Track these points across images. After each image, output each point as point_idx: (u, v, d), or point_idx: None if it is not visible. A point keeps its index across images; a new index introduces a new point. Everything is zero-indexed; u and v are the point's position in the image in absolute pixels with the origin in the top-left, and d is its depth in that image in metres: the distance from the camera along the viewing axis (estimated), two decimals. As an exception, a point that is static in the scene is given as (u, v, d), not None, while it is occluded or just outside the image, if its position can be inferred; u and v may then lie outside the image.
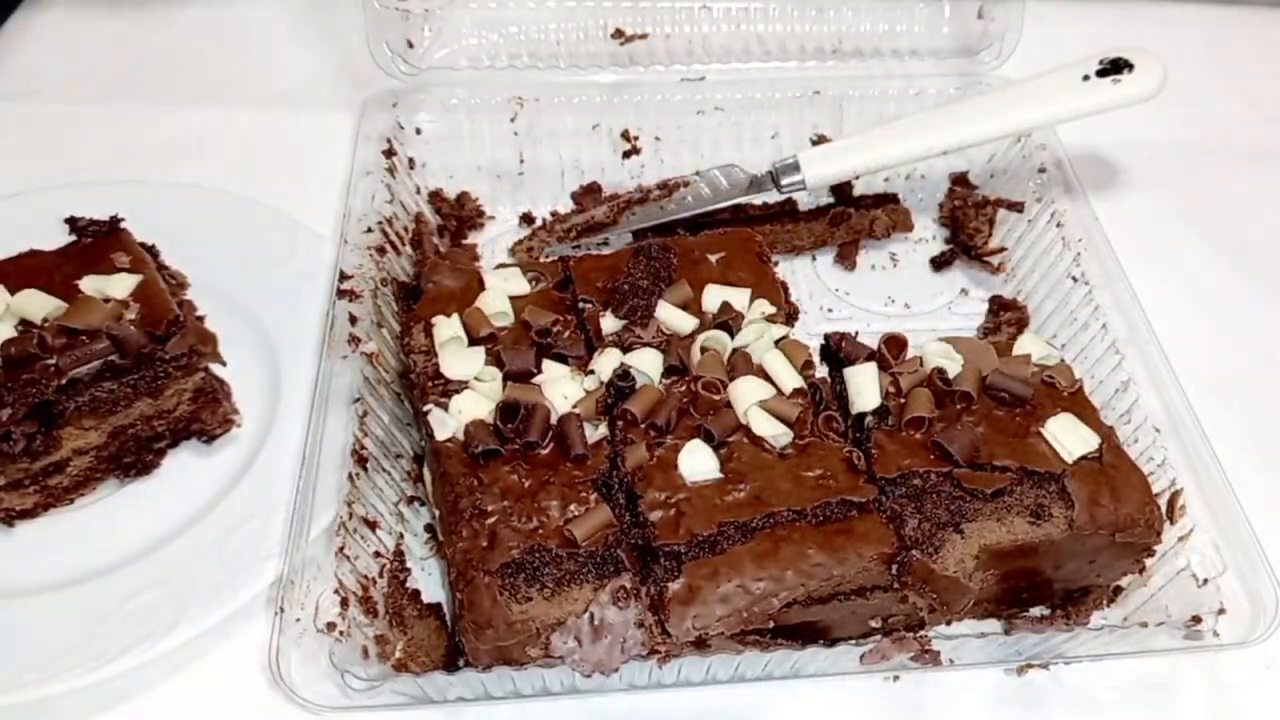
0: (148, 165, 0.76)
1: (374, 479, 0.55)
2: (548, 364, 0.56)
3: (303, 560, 0.48)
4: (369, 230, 0.64)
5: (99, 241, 0.61)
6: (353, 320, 0.59)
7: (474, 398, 0.54)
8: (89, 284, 0.58)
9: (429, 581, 0.55)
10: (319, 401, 0.55)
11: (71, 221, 0.63)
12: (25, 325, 0.55)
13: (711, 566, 0.48)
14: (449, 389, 0.55)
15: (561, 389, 0.55)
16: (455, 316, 0.58)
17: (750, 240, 0.65)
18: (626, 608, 0.47)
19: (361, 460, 0.54)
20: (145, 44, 0.88)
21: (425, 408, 0.54)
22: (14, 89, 0.84)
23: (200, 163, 0.77)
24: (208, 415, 0.61)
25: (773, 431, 0.53)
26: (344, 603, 0.48)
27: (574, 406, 0.54)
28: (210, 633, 0.51)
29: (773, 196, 0.74)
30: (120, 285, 0.58)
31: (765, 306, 0.60)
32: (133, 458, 0.61)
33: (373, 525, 0.53)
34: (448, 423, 0.53)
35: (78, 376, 0.55)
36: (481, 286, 0.60)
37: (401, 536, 0.55)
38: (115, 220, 0.62)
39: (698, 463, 0.52)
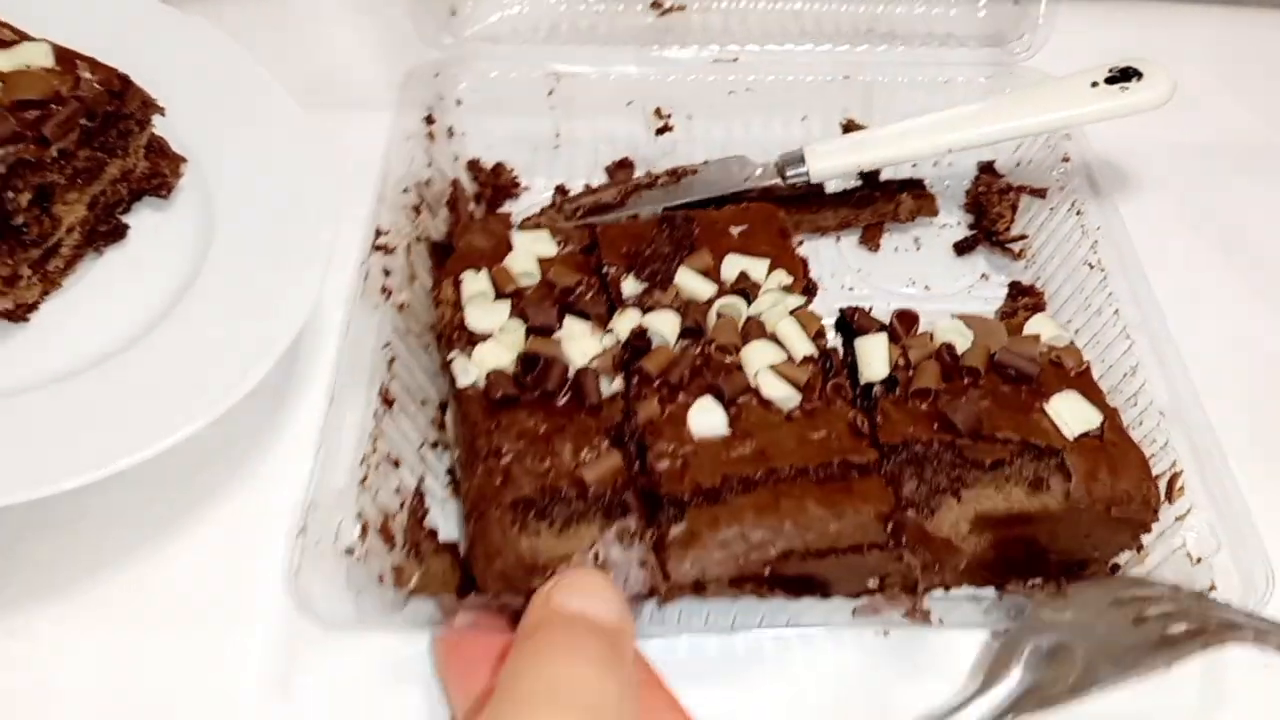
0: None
1: (399, 420, 0.57)
2: (569, 320, 0.59)
3: (327, 488, 0.51)
4: (405, 190, 0.67)
5: None
6: (386, 273, 0.62)
7: (496, 348, 0.57)
8: (1, 60, 0.55)
9: (447, 522, 0.58)
10: (346, 346, 0.58)
11: None
12: None
13: (713, 514, 0.50)
14: (473, 339, 0.57)
15: (581, 345, 0.57)
16: (484, 272, 0.61)
17: (773, 215, 0.67)
18: (630, 548, 0.50)
19: (388, 401, 0.56)
20: None
21: (450, 355, 0.57)
22: None
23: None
24: (165, 166, 0.62)
25: (782, 394, 0.55)
26: (364, 531, 0.51)
27: (591, 361, 0.56)
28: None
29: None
30: (39, 53, 0.56)
31: (782, 277, 0.62)
32: (106, 226, 0.60)
33: (396, 463, 0.56)
34: (470, 370, 0.56)
35: (65, 147, 0.54)
36: (510, 248, 0.63)
37: (423, 479, 0.58)
38: None
39: (707, 419, 0.54)
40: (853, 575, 0.53)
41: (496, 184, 0.78)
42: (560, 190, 0.79)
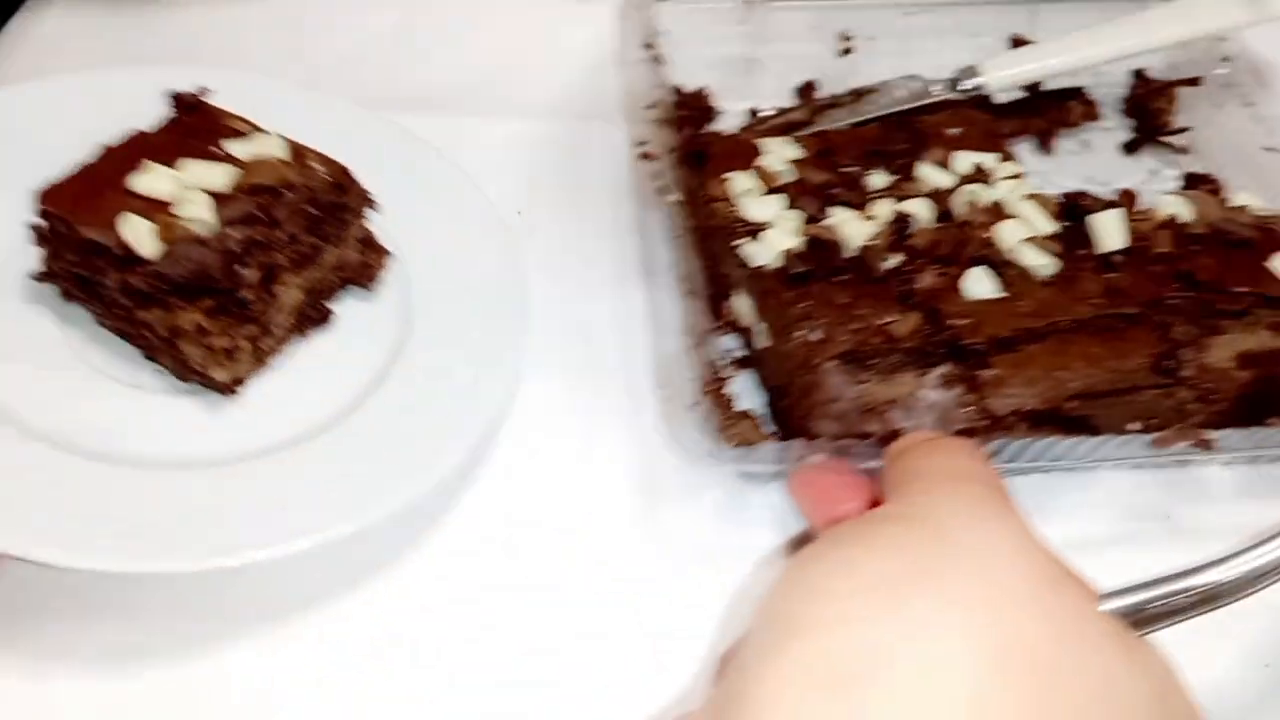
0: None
1: (689, 306, 0.64)
2: (834, 210, 0.65)
3: (666, 354, 0.58)
4: (649, 106, 0.73)
5: (198, 116, 0.61)
6: (654, 178, 0.68)
7: (780, 234, 0.63)
8: (239, 148, 0.59)
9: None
10: (645, 248, 0.64)
11: (176, 97, 0.62)
12: (211, 193, 0.56)
13: (1013, 360, 0.57)
14: (752, 229, 0.64)
15: (854, 228, 0.63)
16: (749, 172, 0.67)
17: (981, 118, 0.74)
18: (949, 390, 0.56)
19: (689, 289, 0.63)
20: (147, 43, 0.87)
21: (738, 243, 0.63)
22: None
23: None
24: (372, 258, 0.65)
25: (1041, 261, 0.62)
26: (700, 390, 0.57)
27: (868, 241, 0.63)
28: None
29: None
30: (273, 144, 0.59)
31: (1011, 167, 0.69)
32: (315, 311, 0.63)
33: (698, 342, 0.62)
34: (763, 253, 0.62)
35: (292, 231, 0.58)
36: (757, 152, 0.69)
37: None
38: (204, 91, 0.63)
39: (981, 286, 0.60)
40: (1121, 417, 0.60)
41: (699, 107, 0.84)
42: (752, 113, 0.85)
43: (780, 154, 0.69)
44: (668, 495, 0.60)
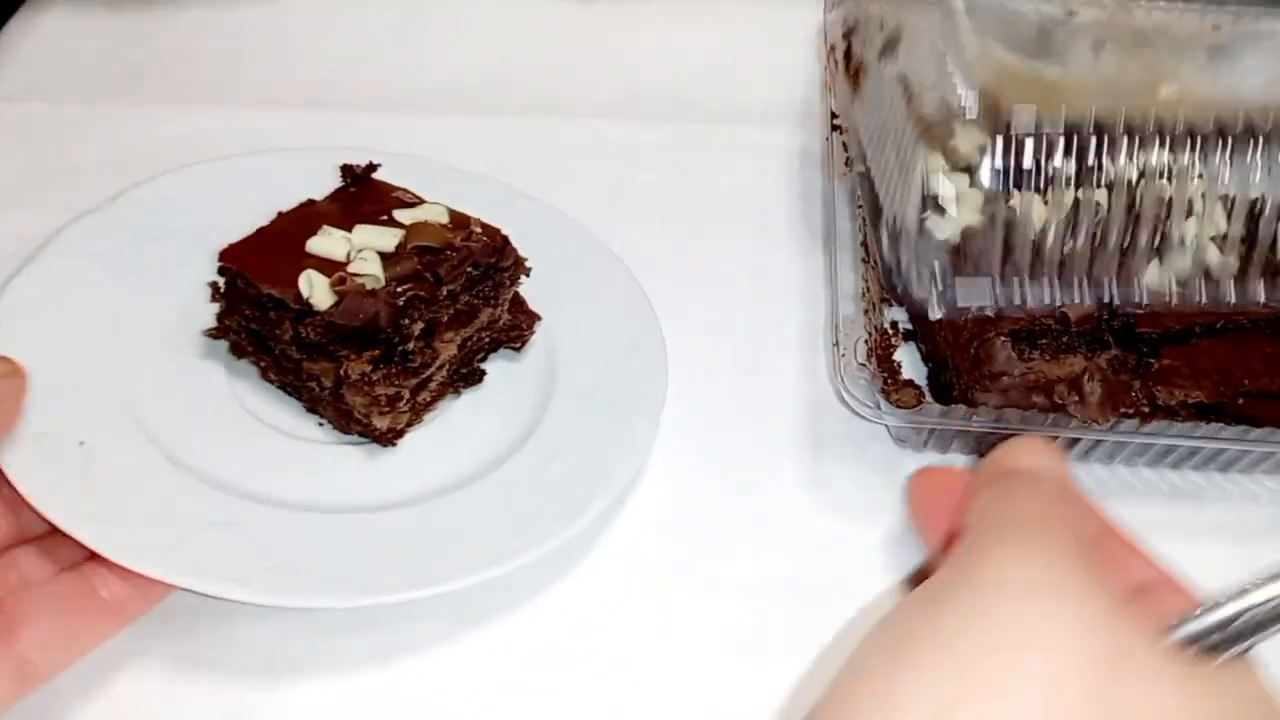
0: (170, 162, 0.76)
1: (868, 274, 0.67)
2: (1018, 194, 0.67)
3: (842, 316, 0.62)
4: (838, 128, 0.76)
5: (366, 186, 0.66)
6: (844, 147, 0.71)
7: (963, 209, 0.65)
8: (404, 215, 0.63)
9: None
10: (828, 211, 0.68)
11: (346, 169, 0.67)
12: (379, 253, 0.60)
13: (1186, 352, 0.59)
14: (933, 204, 0.66)
15: (1037, 212, 0.65)
16: (936, 149, 0.69)
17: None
18: (1118, 375, 0.58)
19: (867, 255, 0.66)
20: (147, 44, 0.90)
21: (923, 215, 0.66)
22: (15, 89, 0.86)
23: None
24: (523, 321, 0.68)
25: (1218, 260, 0.62)
26: (870, 352, 0.61)
27: (1045, 224, 0.65)
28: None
29: None
30: (436, 211, 0.64)
31: (1199, 166, 0.69)
32: (467, 369, 0.66)
33: (866, 312, 0.66)
34: (945, 227, 0.64)
35: (453, 288, 0.61)
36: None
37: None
38: (373, 166, 0.67)
39: (1156, 278, 0.62)
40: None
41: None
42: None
43: (970, 137, 0.71)
44: (830, 447, 0.64)
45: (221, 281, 0.63)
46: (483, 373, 0.66)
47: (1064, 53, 0.82)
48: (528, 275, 0.66)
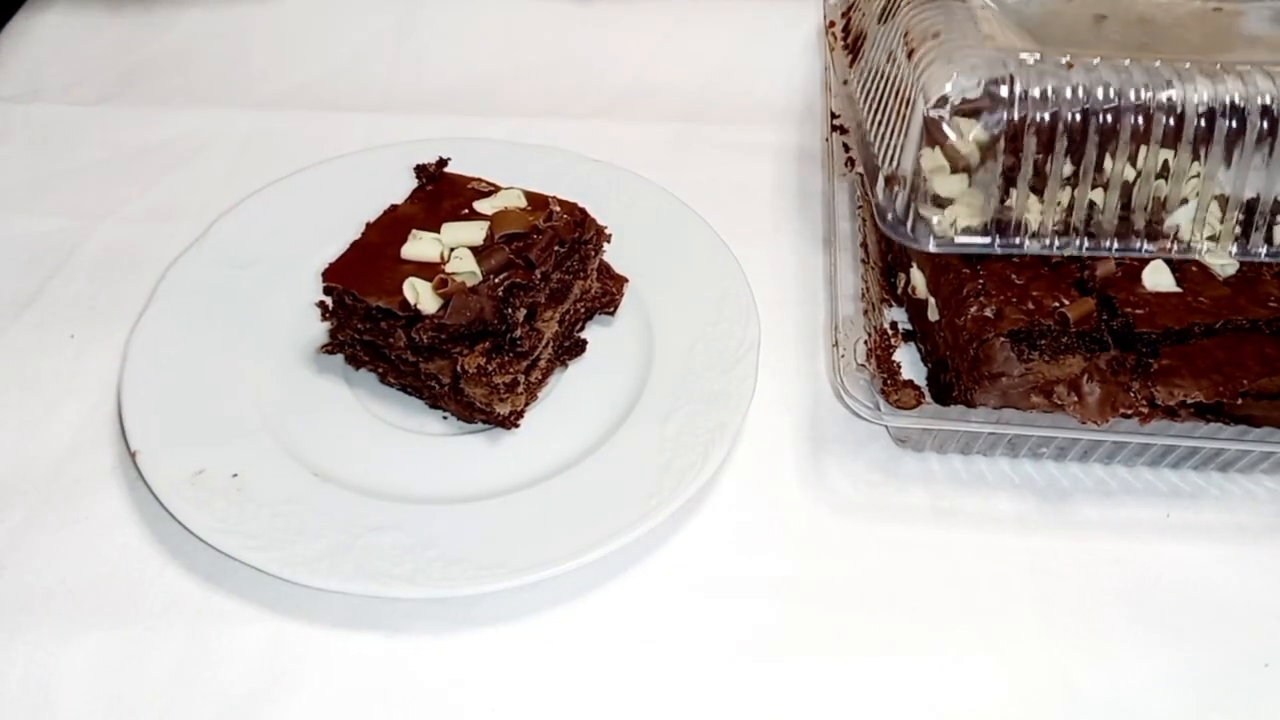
0: (178, 162, 0.80)
1: (868, 274, 0.67)
2: (1017, 192, 0.67)
3: (842, 316, 0.61)
4: (846, 82, 0.76)
5: (442, 183, 0.68)
6: (846, 148, 0.71)
7: (966, 210, 0.65)
8: (484, 205, 0.65)
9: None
10: (828, 212, 0.68)
11: (420, 168, 0.69)
12: (471, 248, 0.62)
13: (1185, 352, 0.58)
14: (939, 203, 0.66)
15: (1037, 211, 0.65)
16: (938, 149, 0.69)
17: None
18: (1118, 374, 0.58)
19: (867, 255, 0.66)
20: (147, 44, 0.91)
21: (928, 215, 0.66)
22: (15, 90, 0.87)
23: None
24: (612, 286, 0.70)
25: (1221, 261, 0.63)
26: (869, 352, 0.61)
27: (1049, 225, 0.65)
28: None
29: None
30: (513, 196, 0.65)
31: (1198, 167, 0.69)
32: (569, 341, 0.68)
33: (870, 309, 0.66)
34: (947, 228, 0.65)
35: (545, 269, 0.63)
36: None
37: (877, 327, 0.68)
38: (444, 161, 0.69)
39: (1160, 278, 0.62)
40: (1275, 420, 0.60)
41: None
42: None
43: (969, 135, 0.71)
44: (830, 446, 0.65)
45: (329, 300, 0.64)
46: (584, 343, 0.69)
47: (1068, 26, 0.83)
48: (609, 242, 0.68)
